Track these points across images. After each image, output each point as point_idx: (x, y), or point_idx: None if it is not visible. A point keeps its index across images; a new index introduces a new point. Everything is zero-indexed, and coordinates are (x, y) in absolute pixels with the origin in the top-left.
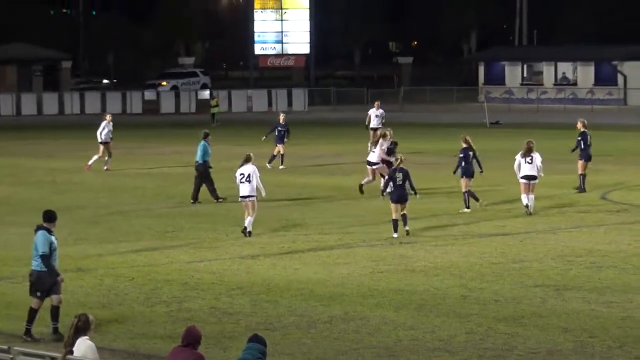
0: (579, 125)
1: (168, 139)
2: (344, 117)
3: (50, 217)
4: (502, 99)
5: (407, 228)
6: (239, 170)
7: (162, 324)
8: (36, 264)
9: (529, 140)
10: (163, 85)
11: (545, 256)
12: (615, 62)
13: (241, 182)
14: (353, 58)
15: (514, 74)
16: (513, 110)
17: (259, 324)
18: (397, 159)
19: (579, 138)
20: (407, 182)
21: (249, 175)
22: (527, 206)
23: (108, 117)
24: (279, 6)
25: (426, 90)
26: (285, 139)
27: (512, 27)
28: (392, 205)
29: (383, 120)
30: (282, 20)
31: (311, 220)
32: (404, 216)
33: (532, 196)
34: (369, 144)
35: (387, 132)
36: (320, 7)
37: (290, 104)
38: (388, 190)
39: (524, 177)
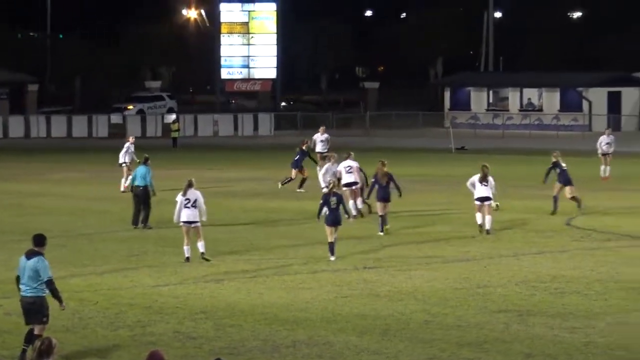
0: (553, 157)
1: (134, 163)
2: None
3: (41, 241)
4: (468, 124)
5: (333, 257)
6: (182, 196)
7: (126, 348)
8: (34, 290)
9: (484, 165)
10: (129, 109)
11: (509, 281)
12: (580, 89)
13: (186, 207)
14: (319, 83)
15: (479, 99)
16: (479, 135)
17: (222, 349)
18: (330, 183)
19: (550, 166)
20: (341, 206)
21: (195, 201)
22: (480, 225)
23: (131, 139)
24: (245, 31)
25: (392, 115)
26: (301, 164)
27: (478, 53)
28: (327, 229)
29: (328, 145)
30: (249, 44)
31: (276, 245)
32: (334, 240)
33: (489, 217)
34: (317, 168)
35: (333, 156)
36: (287, 32)
37: (256, 128)
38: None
39: (479, 198)
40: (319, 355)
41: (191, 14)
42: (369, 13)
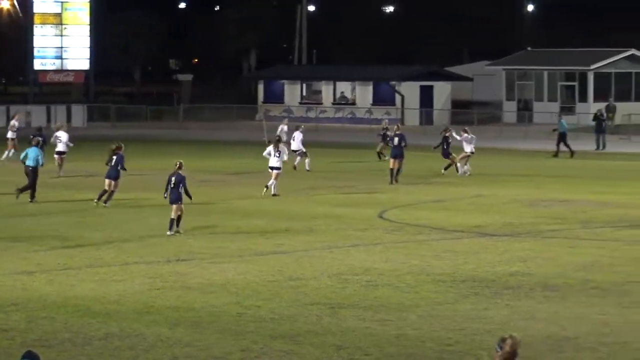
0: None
1: None
2: (123, 133)
3: None
4: (282, 117)
5: (178, 229)
6: None
7: None
8: None
9: (278, 135)
10: None
11: (322, 274)
12: (393, 83)
13: None
14: (133, 75)
15: (293, 92)
16: (292, 128)
17: (34, 341)
18: (175, 164)
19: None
20: (181, 187)
21: None
22: (272, 192)
23: None
24: (59, 22)
25: (205, 108)
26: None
27: (291, 46)
28: (173, 206)
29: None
30: (62, 35)
31: (88, 237)
32: (178, 218)
33: (274, 182)
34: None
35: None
36: (100, 23)
37: (69, 119)
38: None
39: (271, 167)
40: (130, 348)
41: (4, 4)
42: (182, 5)
